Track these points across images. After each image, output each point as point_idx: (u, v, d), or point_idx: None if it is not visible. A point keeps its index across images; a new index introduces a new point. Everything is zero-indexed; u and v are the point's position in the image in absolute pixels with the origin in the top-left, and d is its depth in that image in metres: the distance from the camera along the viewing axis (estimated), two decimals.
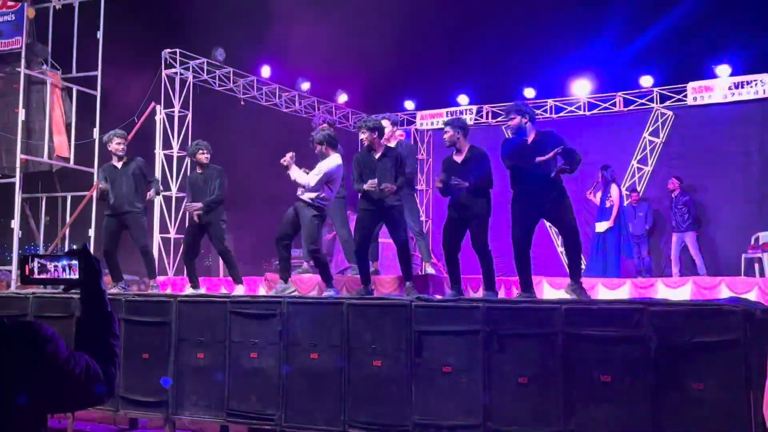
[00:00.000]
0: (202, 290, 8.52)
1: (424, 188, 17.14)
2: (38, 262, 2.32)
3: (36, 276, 2.34)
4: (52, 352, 1.95)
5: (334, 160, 7.69)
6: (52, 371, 1.95)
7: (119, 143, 8.50)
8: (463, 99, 16.65)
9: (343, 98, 16.88)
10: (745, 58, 13.73)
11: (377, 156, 7.43)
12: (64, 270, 2.29)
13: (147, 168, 8.93)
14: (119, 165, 8.49)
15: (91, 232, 12.46)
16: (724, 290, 8.82)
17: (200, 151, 8.48)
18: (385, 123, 8.16)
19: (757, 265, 11.57)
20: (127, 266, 9.57)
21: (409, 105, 17.22)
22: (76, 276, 2.28)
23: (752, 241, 12.09)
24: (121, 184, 8.41)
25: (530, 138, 6.87)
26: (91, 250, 10.97)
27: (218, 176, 8.41)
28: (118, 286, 8.29)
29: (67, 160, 12.68)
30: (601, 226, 12.05)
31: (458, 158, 7.22)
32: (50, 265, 2.30)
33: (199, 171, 8.58)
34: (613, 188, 12.31)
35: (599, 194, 12.51)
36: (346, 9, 13.71)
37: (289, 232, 7.75)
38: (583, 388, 5.33)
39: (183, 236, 13.26)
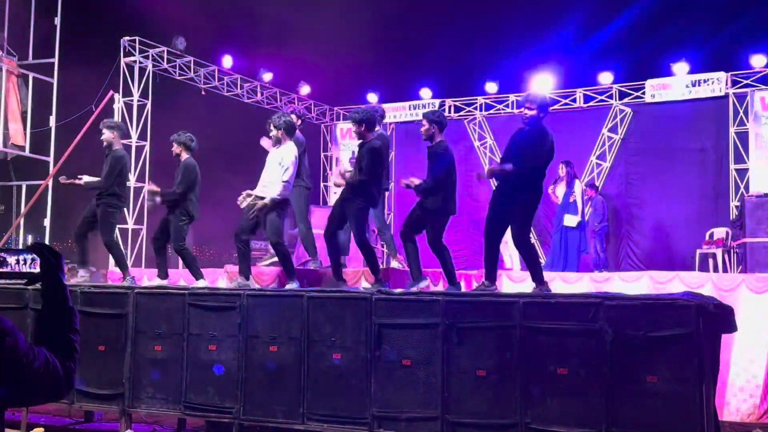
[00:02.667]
0: (165, 282, 8.41)
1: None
2: None
3: None
4: (10, 346, 1.93)
5: (292, 151, 7.66)
6: (11, 365, 1.93)
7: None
8: (425, 93, 16.69)
9: (305, 90, 16.80)
10: (702, 56, 14.03)
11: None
12: (25, 263, 2.26)
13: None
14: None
15: (47, 222, 12.23)
16: (678, 285, 8.96)
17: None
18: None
19: (711, 261, 11.80)
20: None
21: (372, 98, 17.20)
22: (37, 270, 2.26)
23: (706, 237, 12.32)
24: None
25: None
26: (47, 241, 10.81)
27: (182, 169, 8.14)
28: (86, 269, 8.21)
29: (22, 148, 12.42)
30: (570, 220, 12.06)
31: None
32: (11, 259, 2.27)
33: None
34: (577, 184, 12.41)
35: (560, 189, 12.57)
36: (309, 0, 13.67)
37: (250, 226, 7.70)
38: (540, 380, 5.41)
39: (142, 227, 13.22)
